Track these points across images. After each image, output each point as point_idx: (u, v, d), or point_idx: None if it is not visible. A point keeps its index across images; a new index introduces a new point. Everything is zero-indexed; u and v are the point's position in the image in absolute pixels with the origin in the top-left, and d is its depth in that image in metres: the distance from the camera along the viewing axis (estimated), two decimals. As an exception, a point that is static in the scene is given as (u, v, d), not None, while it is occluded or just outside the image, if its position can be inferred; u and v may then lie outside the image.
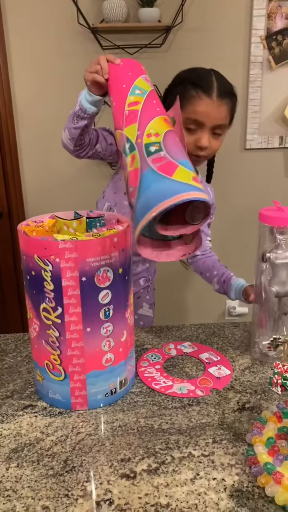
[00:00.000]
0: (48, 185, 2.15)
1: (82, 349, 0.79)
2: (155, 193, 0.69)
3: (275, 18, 1.94)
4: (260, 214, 0.94)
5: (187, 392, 0.87)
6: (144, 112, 0.81)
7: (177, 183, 0.69)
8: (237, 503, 0.62)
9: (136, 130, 0.79)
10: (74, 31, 1.95)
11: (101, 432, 0.77)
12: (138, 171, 0.74)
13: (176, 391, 0.87)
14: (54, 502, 0.63)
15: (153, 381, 0.91)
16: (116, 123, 0.85)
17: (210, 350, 1.01)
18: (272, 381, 0.70)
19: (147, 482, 0.66)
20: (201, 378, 0.92)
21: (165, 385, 0.89)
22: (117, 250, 0.78)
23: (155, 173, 0.71)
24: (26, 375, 0.95)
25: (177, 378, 0.92)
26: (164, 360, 0.98)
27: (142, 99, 0.83)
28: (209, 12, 1.95)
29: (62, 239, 0.75)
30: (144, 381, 0.91)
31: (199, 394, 0.86)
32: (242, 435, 0.75)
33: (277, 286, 0.93)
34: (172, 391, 0.87)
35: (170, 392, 0.87)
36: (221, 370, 0.94)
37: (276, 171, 2.19)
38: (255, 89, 2.03)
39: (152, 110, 0.82)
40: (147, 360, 0.99)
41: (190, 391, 0.87)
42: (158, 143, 0.75)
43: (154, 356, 1.00)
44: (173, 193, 0.67)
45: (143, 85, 0.87)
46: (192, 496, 0.64)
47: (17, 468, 0.70)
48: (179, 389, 0.88)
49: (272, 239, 0.93)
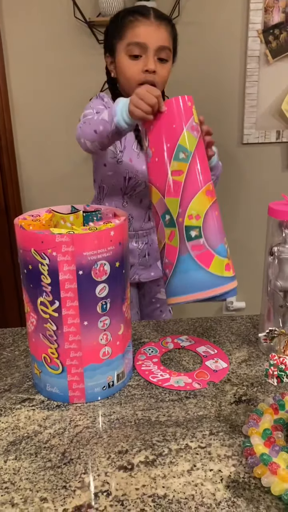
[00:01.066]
0: (45, 180, 2.15)
1: (79, 342, 0.80)
2: (193, 281, 0.85)
3: (272, 12, 1.94)
4: (269, 208, 0.94)
5: (184, 385, 0.87)
6: (187, 186, 0.85)
7: (213, 276, 0.84)
8: (234, 493, 0.63)
9: (178, 207, 0.85)
10: (71, 25, 1.94)
11: (99, 425, 0.78)
12: (177, 250, 0.85)
13: (173, 384, 0.88)
14: (52, 493, 0.64)
15: (150, 374, 0.91)
16: (155, 179, 0.88)
17: (207, 344, 1.02)
18: (268, 372, 0.70)
19: (144, 474, 0.67)
20: (198, 371, 0.92)
21: (162, 378, 0.90)
22: (114, 243, 0.78)
23: (193, 261, 0.84)
24: (24, 369, 0.95)
25: (174, 371, 0.92)
26: (162, 354, 0.99)
27: (186, 166, 0.85)
28: (206, 6, 1.94)
29: (59, 232, 0.75)
30: (142, 374, 0.91)
31: (196, 387, 0.87)
32: (238, 427, 0.76)
33: (282, 281, 0.93)
34: (169, 384, 0.88)
35: (167, 385, 0.87)
36: (218, 363, 0.95)
37: (273, 166, 2.19)
38: (252, 84, 2.03)
39: (195, 184, 0.85)
40: (144, 353, 0.99)
41: (187, 384, 0.88)
42: (198, 228, 0.84)
43: (152, 349, 1.01)
44: (209, 287, 0.84)
45: (188, 144, 0.85)
46: (189, 487, 0.64)
47: (15, 460, 0.70)
48: (176, 382, 0.89)
49: (280, 233, 0.93)
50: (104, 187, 1.26)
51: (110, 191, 1.25)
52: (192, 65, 1.93)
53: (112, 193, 1.26)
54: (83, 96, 2.00)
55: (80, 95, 2.00)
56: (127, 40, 1.11)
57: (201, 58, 1.98)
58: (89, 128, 1.03)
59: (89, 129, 1.03)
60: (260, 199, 2.17)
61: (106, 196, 1.28)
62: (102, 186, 1.26)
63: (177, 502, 0.62)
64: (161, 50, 1.12)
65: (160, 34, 1.12)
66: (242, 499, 0.62)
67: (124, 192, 1.24)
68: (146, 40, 1.10)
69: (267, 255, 0.95)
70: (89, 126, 1.03)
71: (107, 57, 1.21)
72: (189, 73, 1.91)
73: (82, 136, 1.07)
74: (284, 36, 1.96)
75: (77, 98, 2.00)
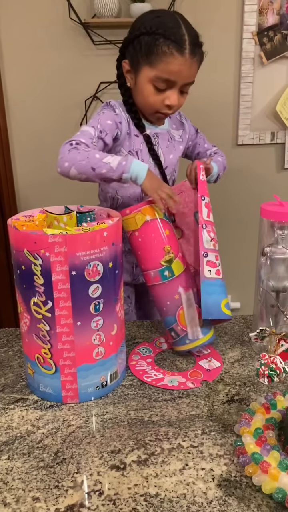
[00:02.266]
0: (40, 180, 2.15)
1: (72, 342, 0.80)
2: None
3: (266, 14, 1.95)
4: (261, 209, 0.95)
5: (177, 385, 0.88)
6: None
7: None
8: (225, 492, 0.63)
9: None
10: (66, 26, 1.94)
11: (92, 425, 0.78)
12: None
13: (167, 383, 0.88)
14: (45, 493, 0.64)
15: (144, 374, 0.92)
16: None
17: None
18: (259, 372, 0.71)
19: (136, 473, 0.67)
20: (192, 370, 0.93)
21: (156, 377, 0.90)
22: (107, 244, 0.79)
23: None
24: (18, 369, 0.95)
25: (167, 371, 0.93)
26: (155, 354, 0.99)
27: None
28: (201, 7, 1.95)
29: (52, 233, 0.75)
30: (136, 374, 0.91)
31: (190, 386, 0.87)
32: (231, 426, 0.76)
33: (274, 281, 0.94)
34: (163, 383, 0.88)
35: (161, 384, 0.88)
36: (211, 362, 0.95)
37: (267, 167, 2.20)
38: (246, 85, 2.03)
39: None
40: (138, 353, 0.99)
41: (181, 383, 0.88)
42: None
43: (145, 349, 1.01)
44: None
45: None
46: (181, 486, 0.64)
47: (8, 460, 0.70)
48: (170, 381, 0.89)
49: (272, 234, 0.93)
50: (119, 198, 1.25)
51: (126, 201, 1.24)
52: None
53: (128, 204, 1.24)
54: (78, 97, 2.01)
55: (75, 96, 2.00)
56: (157, 71, 1.06)
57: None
58: (86, 161, 0.99)
59: (85, 162, 0.99)
60: (254, 200, 2.18)
61: (120, 207, 1.26)
62: (117, 198, 1.25)
63: (169, 501, 0.62)
64: (187, 85, 1.11)
65: (191, 71, 1.08)
66: (233, 498, 0.62)
67: (142, 198, 1.24)
68: (176, 78, 1.07)
69: (259, 256, 0.96)
70: (86, 160, 0.99)
71: (125, 63, 1.13)
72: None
73: (69, 161, 1.01)
74: (279, 38, 1.97)
75: (72, 99, 2.00)
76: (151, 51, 1.04)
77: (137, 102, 1.15)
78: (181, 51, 1.03)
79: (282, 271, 0.93)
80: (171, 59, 1.03)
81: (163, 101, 1.09)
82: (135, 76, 1.11)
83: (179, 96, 1.11)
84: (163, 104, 1.10)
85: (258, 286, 0.97)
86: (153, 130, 1.19)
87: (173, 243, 0.96)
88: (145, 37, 1.05)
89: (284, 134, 2.12)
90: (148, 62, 1.06)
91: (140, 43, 1.06)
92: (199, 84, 2.09)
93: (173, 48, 1.02)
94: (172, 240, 0.97)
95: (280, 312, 0.95)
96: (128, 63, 1.12)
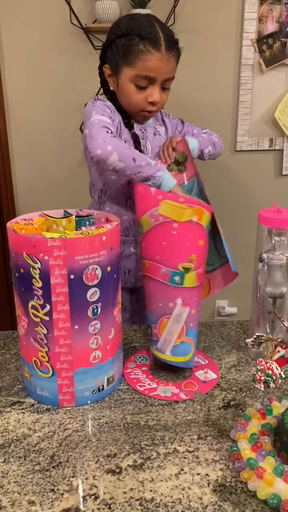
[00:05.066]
0: (39, 184, 2.15)
1: (70, 346, 0.80)
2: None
3: (266, 22, 1.96)
4: (259, 215, 0.96)
5: (171, 395, 0.87)
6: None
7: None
8: (220, 497, 0.63)
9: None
10: (67, 31, 1.95)
11: (88, 429, 0.78)
12: None
13: (160, 393, 0.88)
14: (40, 496, 0.64)
15: (138, 382, 0.91)
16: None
17: (198, 354, 1.02)
18: (255, 378, 0.71)
19: (132, 477, 0.67)
20: (187, 381, 0.92)
21: (149, 387, 0.90)
22: (105, 248, 0.79)
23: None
24: (15, 372, 0.95)
25: (162, 381, 0.92)
26: (151, 363, 0.99)
27: None
28: (201, 14, 1.96)
29: (51, 237, 0.75)
30: (129, 383, 0.91)
31: (183, 397, 0.87)
32: (226, 432, 0.76)
33: (271, 287, 0.94)
34: (156, 393, 0.88)
35: (154, 394, 0.87)
36: (207, 374, 0.94)
37: (266, 173, 2.21)
38: (245, 92, 2.05)
39: None
40: (134, 361, 0.99)
41: (174, 394, 0.88)
42: None
43: (142, 357, 1.01)
44: None
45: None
46: (176, 491, 0.65)
47: (3, 463, 0.70)
48: (163, 391, 0.88)
49: (270, 240, 0.94)
50: (107, 191, 1.26)
51: (113, 195, 1.25)
52: (187, 73, 1.95)
53: (115, 197, 1.25)
54: (78, 102, 2.01)
55: (75, 100, 2.00)
56: (136, 70, 1.09)
57: (195, 66, 2.00)
58: (128, 151, 1.02)
59: (128, 151, 1.01)
60: (252, 206, 2.18)
61: (108, 200, 1.27)
62: (104, 190, 1.26)
63: (164, 505, 0.62)
64: (167, 80, 1.13)
65: (169, 66, 1.11)
66: (228, 503, 0.62)
67: (128, 196, 1.25)
68: (156, 74, 1.09)
69: (257, 262, 0.96)
70: (129, 150, 1.02)
71: (106, 68, 1.17)
72: (183, 81, 1.92)
73: (113, 145, 1.01)
74: (278, 45, 1.98)
75: (73, 103, 2.01)
76: (128, 51, 1.08)
77: (122, 104, 1.18)
78: (157, 47, 1.07)
79: (279, 277, 0.94)
80: (148, 56, 1.07)
81: (146, 99, 1.12)
82: (116, 79, 1.15)
83: (161, 92, 1.13)
84: (146, 102, 1.12)
85: (256, 292, 0.97)
86: (140, 125, 1.22)
87: (201, 256, 0.92)
88: (121, 39, 1.09)
89: (282, 141, 2.13)
90: (127, 63, 1.10)
91: (117, 46, 1.10)
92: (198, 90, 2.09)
93: (148, 45, 1.06)
94: (201, 253, 0.92)
95: (276, 318, 0.95)
96: (108, 67, 1.16)
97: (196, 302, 0.94)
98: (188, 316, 0.92)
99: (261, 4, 1.94)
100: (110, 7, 1.82)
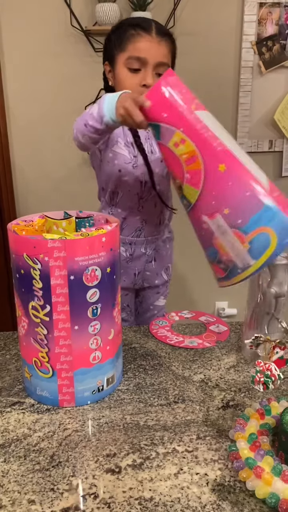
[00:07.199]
0: (40, 186, 2.16)
1: (70, 346, 0.81)
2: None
3: (265, 24, 1.97)
4: None
5: (197, 345, 1.03)
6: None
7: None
8: (219, 496, 0.64)
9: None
10: (67, 34, 1.97)
11: (88, 429, 0.78)
12: None
13: (188, 344, 1.04)
14: (40, 496, 0.65)
15: (167, 338, 1.07)
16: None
17: (206, 315, 1.20)
18: (255, 379, 0.71)
19: (131, 477, 0.68)
20: (206, 334, 1.10)
21: (177, 340, 1.06)
22: (105, 249, 0.80)
23: None
24: (15, 372, 0.96)
25: (186, 335, 1.08)
26: (171, 324, 1.16)
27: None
28: (201, 17, 1.97)
29: (51, 238, 0.76)
30: (159, 339, 1.07)
31: (207, 345, 1.03)
32: (225, 432, 0.77)
33: (276, 287, 0.94)
34: (185, 344, 1.04)
35: (183, 345, 1.03)
36: (219, 327, 1.13)
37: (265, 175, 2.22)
38: (245, 94, 2.06)
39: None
40: (156, 324, 1.15)
41: (200, 343, 1.04)
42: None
43: (162, 322, 1.17)
44: None
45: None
46: (175, 490, 0.65)
47: (4, 463, 0.71)
48: (190, 342, 1.04)
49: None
50: (118, 192, 1.25)
51: (126, 196, 1.25)
52: (186, 75, 1.96)
53: (128, 198, 1.25)
54: (79, 104, 2.02)
55: (76, 102, 2.01)
56: (128, 53, 1.12)
57: (195, 68, 2.01)
58: (80, 119, 1.01)
59: (80, 121, 1.00)
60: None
61: (120, 202, 1.27)
62: (116, 192, 1.25)
63: (163, 505, 0.63)
64: (160, 65, 1.13)
65: (161, 50, 1.13)
66: (227, 502, 0.63)
67: (140, 197, 1.25)
68: (147, 55, 1.11)
69: None
70: (80, 118, 1.01)
71: (106, 65, 1.21)
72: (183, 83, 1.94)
73: (75, 127, 1.03)
74: (277, 48, 1.99)
75: (73, 105, 2.02)
76: (121, 39, 1.13)
77: None
78: (147, 31, 1.12)
79: (283, 277, 0.94)
80: (138, 38, 1.12)
81: (139, 83, 1.14)
82: (113, 71, 1.19)
83: (156, 78, 1.15)
84: (140, 86, 1.13)
85: (254, 294, 0.98)
86: None
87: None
88: (115, 32, 1.16)
89: (282, 143, 2.14)
90: (120, 49, 1.14)
91: (112, 40, 1.16)
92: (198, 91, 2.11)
93: (139, 29, 1.12)
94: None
95: (275, 318, 0.96)
96: (108, 64, 1.20)
97: (217, 203, 0.82)
98: (225, 219, 0.81)
99: (261, 6, 1.95)
100: (110, 9, 1.84)
